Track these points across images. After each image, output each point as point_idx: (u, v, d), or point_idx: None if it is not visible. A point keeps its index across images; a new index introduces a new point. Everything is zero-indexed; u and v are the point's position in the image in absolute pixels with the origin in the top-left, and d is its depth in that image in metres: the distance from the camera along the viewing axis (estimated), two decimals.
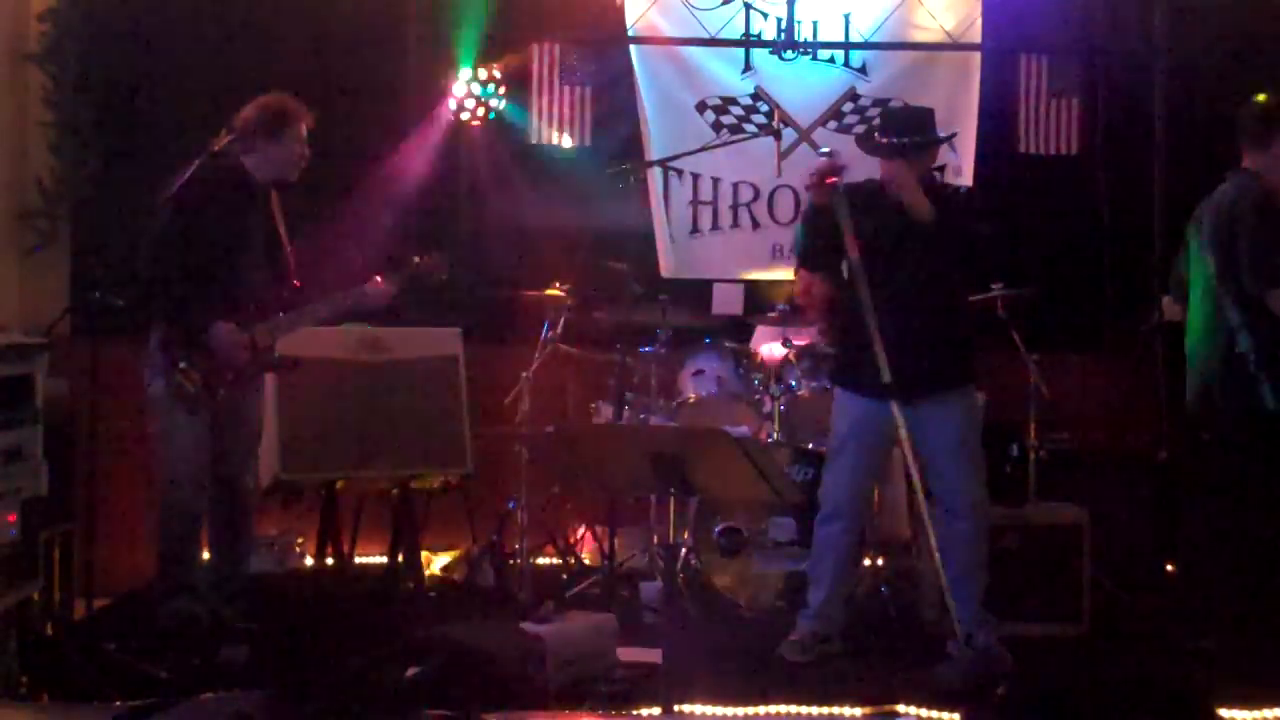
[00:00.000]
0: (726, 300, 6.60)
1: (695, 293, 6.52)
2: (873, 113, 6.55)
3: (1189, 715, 3.07)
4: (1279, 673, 4.41)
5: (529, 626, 4.32)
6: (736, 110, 6.71)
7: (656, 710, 4.02)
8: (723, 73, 6.71)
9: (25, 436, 4.28)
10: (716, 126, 6.69)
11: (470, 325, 5.81)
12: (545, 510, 5.92)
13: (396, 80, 6.45)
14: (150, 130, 6.20)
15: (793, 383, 5.67)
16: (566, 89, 6.66)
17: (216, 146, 4.73)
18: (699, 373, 5.94)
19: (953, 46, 6.67)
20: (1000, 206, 6.16)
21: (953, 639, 4.49)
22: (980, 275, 5.26)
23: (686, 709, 4.08)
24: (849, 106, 6.70)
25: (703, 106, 6.70)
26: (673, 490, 3.46)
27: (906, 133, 4.60)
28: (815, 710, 4.15)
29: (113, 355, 4.96)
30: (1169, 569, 5.55)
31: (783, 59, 6.64)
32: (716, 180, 6.72)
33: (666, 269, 6.70)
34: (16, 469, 4.22)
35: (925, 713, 4.14)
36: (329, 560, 5.42)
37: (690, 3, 6.67)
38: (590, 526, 6.05)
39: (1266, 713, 4.17)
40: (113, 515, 5.46)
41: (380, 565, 5.71)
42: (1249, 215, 4.58)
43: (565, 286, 5.77)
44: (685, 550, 5.41)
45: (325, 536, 5.41)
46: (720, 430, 3.53)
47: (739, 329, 6.19)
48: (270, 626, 4.85)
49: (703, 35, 6.66)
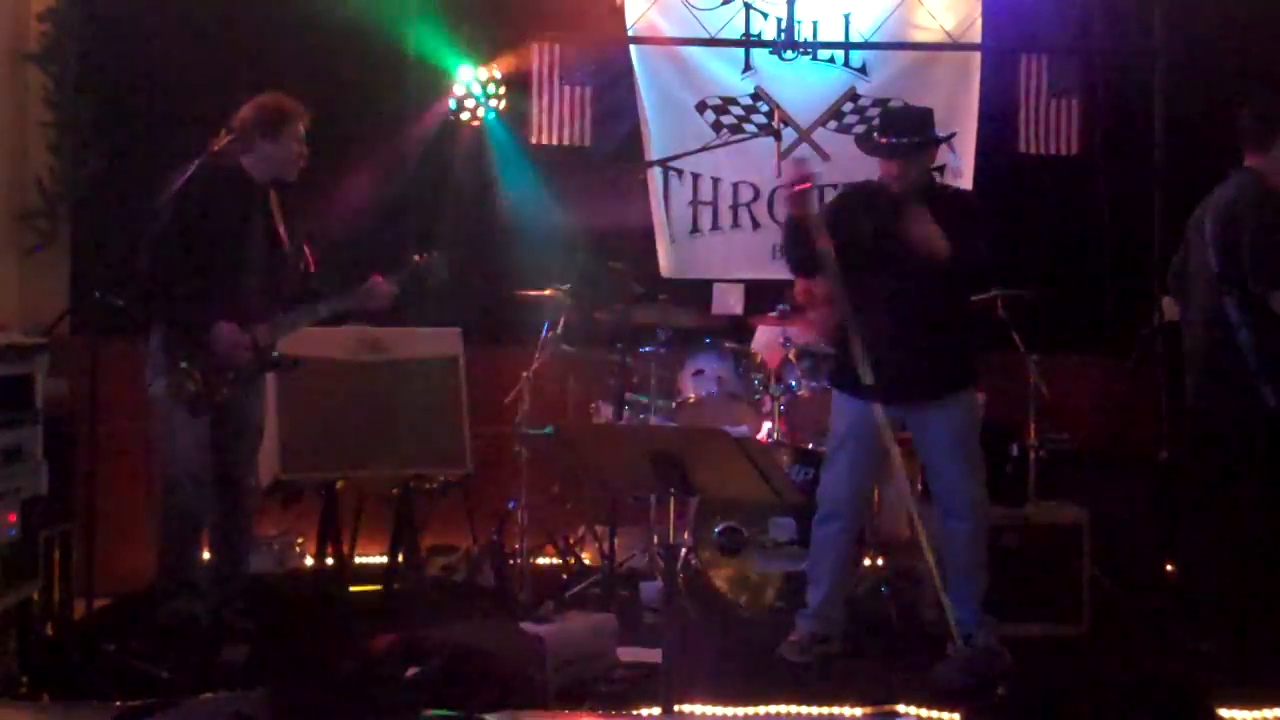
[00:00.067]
0: (726, 300, 6.61)
1: (695, 293, 6.53)
2: (873, 113, 6.55)
3: (1189, 715, 3.07)
4: (1279, 673, 4.42)
5: (529, 626, 4.32)
6: (736, 110, 6.71)
7: (656, 710, 4.02)
8: (723, 73, 6.71)
9: (25, 436, 4.29)
10: (716, 126, 6.69)
11: (470, 325, 5.81)
12: (545, 510, 5.92)
13: (396, 80, 6.45)
14: (150, 130, 6.19)
15: (793, 383, 5.67)
16: (566, 89, 6.66)
17: (216, 146, 4.73)
18: (699, 373, 5.94)
19: (953, 46, 6.67)
20: (1000, 206, 6.18)
21: (950, 639, 4.49)
22: (979, 284, 5.24)
23: (686, 709, 4.07)
24: (849, 106, 6.70)
25: (703, 106, 6.70)
26: (673, 490, 3.46)
27: (905, 133, 4.60)
28: (815, 710, 4.15)
29: (113, 355, 4.95)
30: (1169, 569, 5.55)
31: (783, 59, 6.64)
32: (716, 180, 6.72)
33: (666, 269, 6.70)
34: (16, 469, 4.23)
35: (925, 713, 4.14)
36: (329, 560, 5.42)
37: (690, 3, 6.67)
38: (590, 526, 6.05)
39: (1266, 713, 4.16)
40: (113, 515, 5.45)
41: (380, 565, 5.71)
42: (1252, 215, 4.57)
43: (565, 286, 5.77)
44: (685, 550, 5.40)
45: (325, 536, 5.41)
46: (720, 430, 3.53)
47: (739, 329, 6.19)
48: (270, 626, 4.86)
49: (703, 35, 6.66)
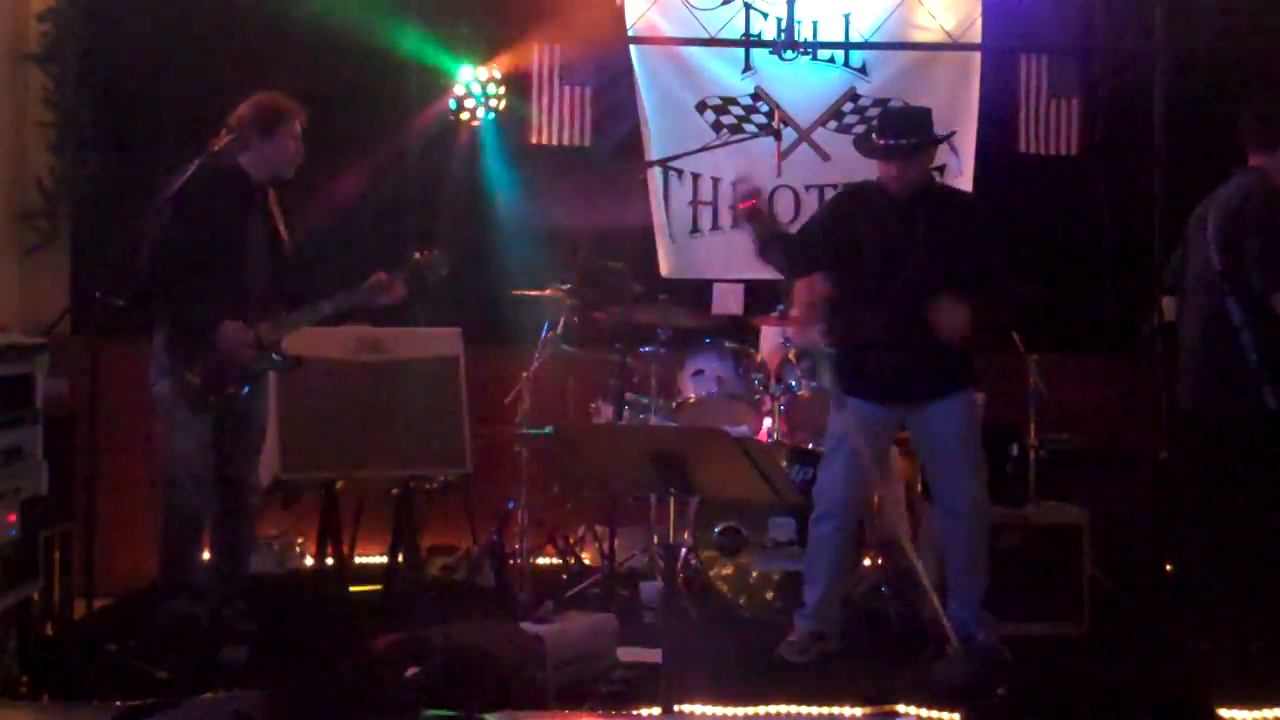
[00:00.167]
0: (726, 300, 6.61)
1: (695, 293, 6.53)
2: (873, 113, 6.54)
3: (1189, 715, 3.07)
4: (1279, 673, 4.42)
5: (529, 626, 4.32)
6: (736, 110, 6.71)
7: (656, 710, 4.02)
8: (723, 73, 6.71)
9: (25, 436, 4.29)
10: (716, 126, 6.69)
11: (470, 325, 5.81)
12: (545, 510, 5.92)
13: (396, 80, 6.45)
14: (150, 130, 6.19)
15: (793, 383, 5.67)
16: (566, 89, 6.66)
17: (216, 146, 4.72)
18: (699, 373, 5.93)
19: (953, 46, 6.67)
20: (1000, 206, 6.17)
21: (946, 640, 4.49)
22: (998, 295, 4.82)
23: (686, 709, 4.08)
24: (849, 106, 6.70)
25: (703, 106, 6.70)
26: (673, 490, 3.46)
27: (903, 134, 4.60)
28: (815, 710, 4.15)
29: (113, 355, 4.94)
30: (1169, 569, 5.55)
31: (783, 59, 6.63)
32: (716, 180, 6.71)
33: (666, 269, 6.70)
34: (16, 469, 4.23)
35: (925, 713, 4.14)
36: (329, 560, 5.42)
37: (690, 3, 6.67)
38: (590, 526, 6.05)
39: (1266, 713, 4.16)
40: (113, 515, 5.45)
41: (380, 565, 5.71)
42: (1256, 215, 4.55)
43: (565, 286, 5.77)
44: (685, 550, 5.41)
45: (325, 536, 5.41)
46: (720, 430, 3.53)
47: (739, 329, 6.19)
48: (270, 626, 4.86)
49: (703, 35, 6.66)
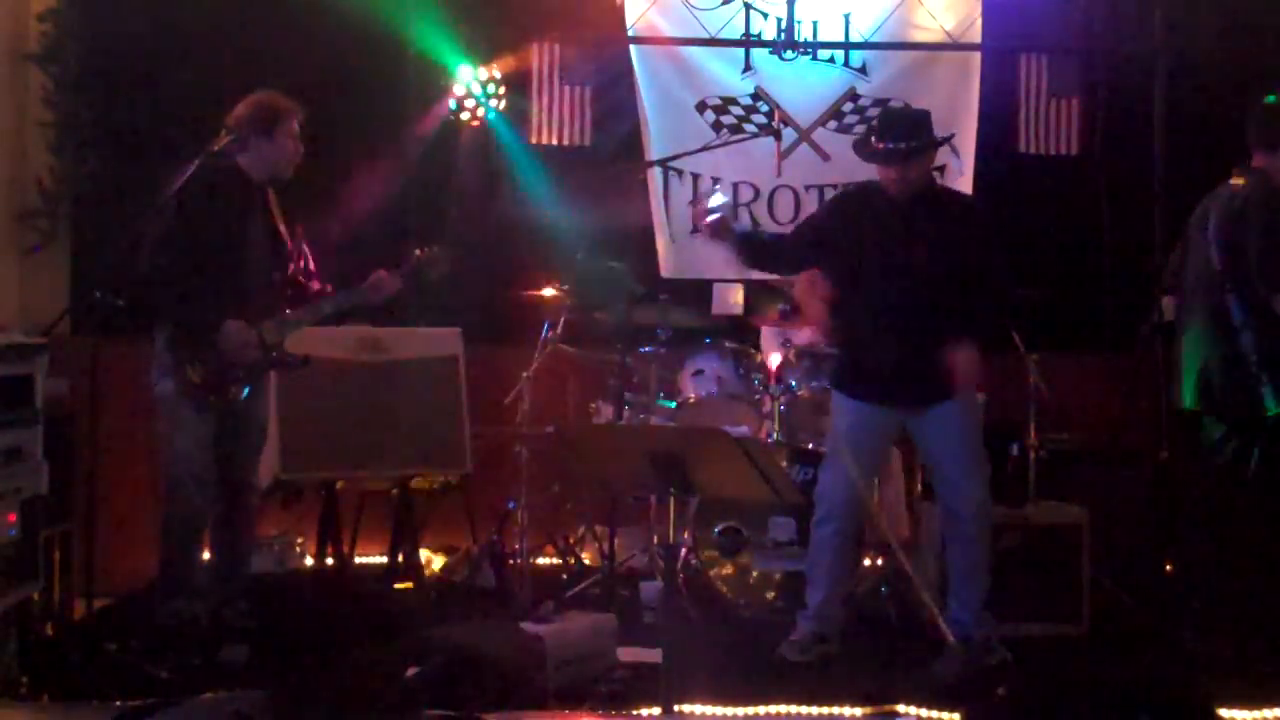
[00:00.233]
0: (726, 300, 6.61)
1: (695, 293, 6.52)
2: (873, 113, 6.54)
3: (1189, 715, 3.07)
4: (1279, 673, 4.42)
5: (529, 626, 4.32)
6: (736, 110, 6.70)
7: (656, 710, 4.02)
8: (723, 73, 6.71)
9: (25, 436, 4.29)
10: (716, 126, 6.69)
11: (470, 325, 5.81)
12: (545, 510, 5.92)
13: (396, 80, 6.45)
14: (150, 130, 6.19)
15: (793, 383, 5.67)
16: (566, 89, 6.66)
17: (216, 146, 4.73)
18: (699, 373, 5.93)
19: (953, 46, 6.67)
20: (1000, 206, 6.17)
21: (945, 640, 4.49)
22: (1001, 299, 4.83)
23: (686, 709, 4.07)
24: (849, 106, 6.70)
25: (703, 106, 6.70)
26: (673, 490, 3.46)
27: (903, 137, 4.58)
28: (815, 710, 4.15)
29: (113, 355, 4.95)
30: (1169, 569, 5.54)
31: (783, 59, 6.64)
32: (716, 180, 6.69)
33: (666, 269, 6.70)
34: (16, 469, 4.22)
35: (925, 713, 4.14)
36: (329, 560, 5.42)
37: (690, 3, 6.67)
38: (590, 526, 6.05)
39: (1266, 713, 4.16)
40: (113, 515, 5.46)
41: (380, 565, 5.71)
42: (1258, 216, 4.54)
43: (565, 286, 5.77)
44: (685, 550, 5.40)
45: (325, 536, 5.41)
46: (720, 430, 3.53)
47: (739, 329, 6.19)
48: (270, 626, 4.85)
49: (703, 35, 6.66)
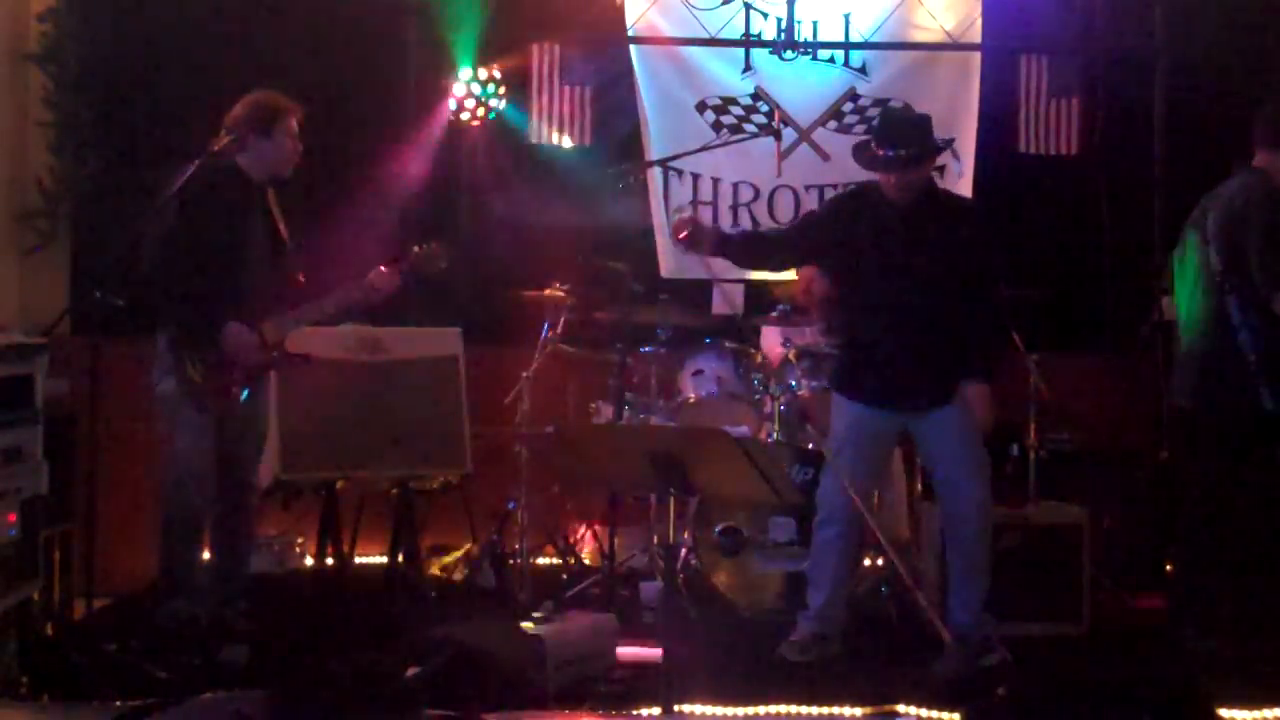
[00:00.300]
0: (726, 300, 6.60)
1: (695, 293, 6.52)
2: (873, 113, 6.55)
3: (1189, 715, 3.07)
4: (1279, 673, 4.42)
5: (529, 626, 4.32)
6: (736, 110, 6.70)
7: (656, 710, 4.01)
8: (723, 73, 6.71)
9: (25, 436, 4.29)
10: (716, 126, 6.68)
11: (470, 325, 5.81)
12: (545, 510, 5.92)
13: (396, 80, 6.45)
14: (150, 130, 6.19)
15: (793, 383, 5.67)
16: (566, 89, 6.66)
17: (216, 147, 4.73)
18: (699, 373, 5.93)
19: (953, 46, 6.67)
20: (1000, 206, 6.18)
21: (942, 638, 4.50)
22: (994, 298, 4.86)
23: (686, 709, 4.07)
24: (849, 106, 6.69)
25: (703, 106, 6.70)
26: (673, 490, 3.46)
27: (903, 144, 4.55)
28: (815, 710, 4.15)
29: (113, 355, 4.96)
30: (1169, 569, 5.54)
31: (783, 59, 6.64)
32: (716, 180, 6.71)
33: (666, 269, 6.69)
34: (16, 469, 4.23)
35: (925, 713, 4.14)
36: (329, 560, 5.41)
37: (690, 3, 6.67)
38: (590, 526, 6.05)
39: (1266, 713, 4.17)
40: (113, 515, 5.46)
41: (380, 565, 5.71)
42: (1258, 216, 4.54)
43: (565, 286, 5.77)
44: (685, 550, 5.40)
45: (325, 536, 5.40)
46: (720, 430, 3.53)
47: (739, 329, 6.18)
48: (270, 626, 4.86)
49: (703, 35, 6.66)
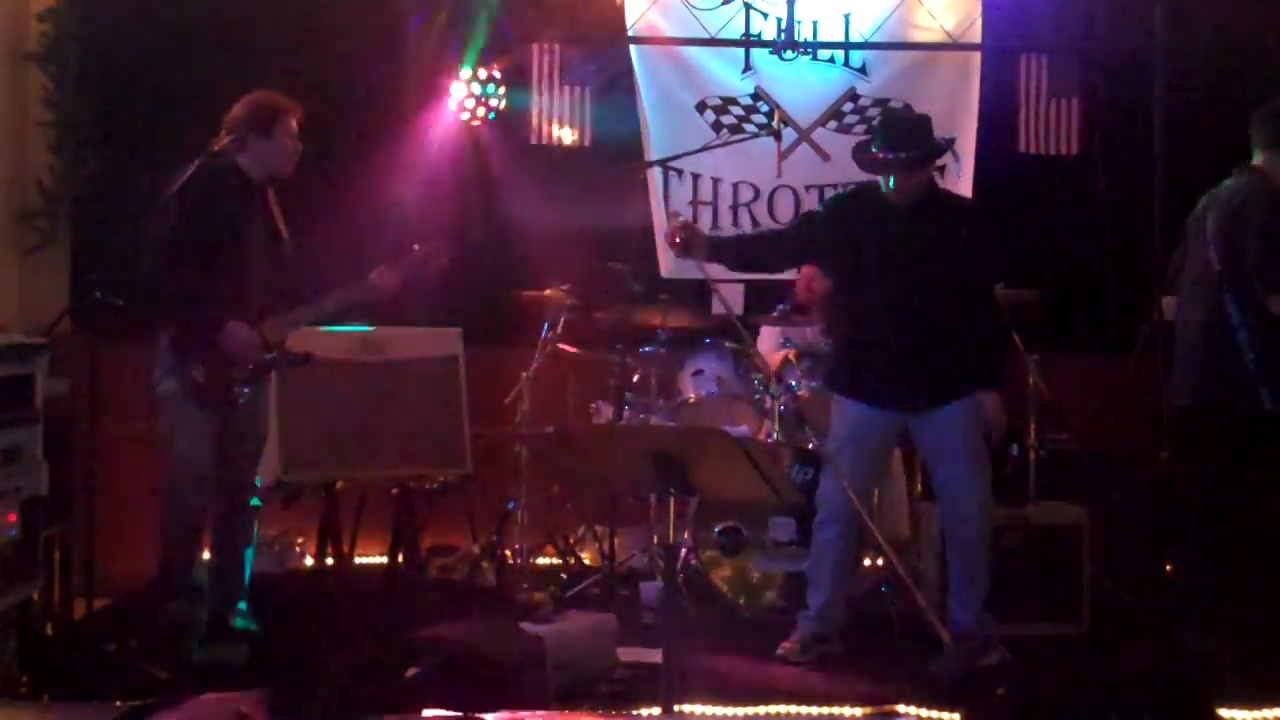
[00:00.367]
0: (726, 300, 6.59)
1: (695, 293, 6.52)
2: (873, 113, 6.55)
3: (1189, 715, 3.07)
4: (1279, 673, 4.42)
5: (529, 626, 4.32)
6: (736, 110, 6.71)
7: (656, 710, 4.02)
8: (723, 73, 6.71)
9: (25, 436, 4.29)
10: (716, 126, 6.69)
11: (470, 325, 5.81)
12: (545, 510, 5.92)
13: (396, 80, 6.45)
14: (150, 130, 6.19)
15: (793, 383, 5.67)
16: (566, 89, 6.66)
17: (216, 146, 4.72)
18: (699, 373, 5.94)
19: (953, 46, 6.67)
20: (1000, 206, 6.17)
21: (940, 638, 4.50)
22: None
23: (686, 709, 4.07)
24: (849, 106, 6.70)
25: (703, 106, 6.70)
26: (673, 490, 3.46)
27: (903, 146, 4.56)
28: (815, 710, 4.15)
29: (113, 355, 4.94)
30: (1169, 569, 5.54)
31: (783, 59, 6.64)
32: (716, 180, 6.72)
33: (666, 269, 6.69)
34: (16, 469, 4.23)
35: (925, 713, 4.14)
36: (329, 560, 5.41)
37: (690, 3, 6.67)
38: (590, 526, 6.05)
39: (1266, 713, 4.17)
40: (113, 515, 5.44)
41: (380, 565, 5.71)
42: (1257, 216, 4.54)
43: (565, 286, 5.77)
44: (685, 550, 5.41)
45: (325, 536, 5.40)
46: (720, 430, 3.53)
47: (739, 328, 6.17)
48: (270, 626, 4.86)
49: (703, 35, 6.66)
